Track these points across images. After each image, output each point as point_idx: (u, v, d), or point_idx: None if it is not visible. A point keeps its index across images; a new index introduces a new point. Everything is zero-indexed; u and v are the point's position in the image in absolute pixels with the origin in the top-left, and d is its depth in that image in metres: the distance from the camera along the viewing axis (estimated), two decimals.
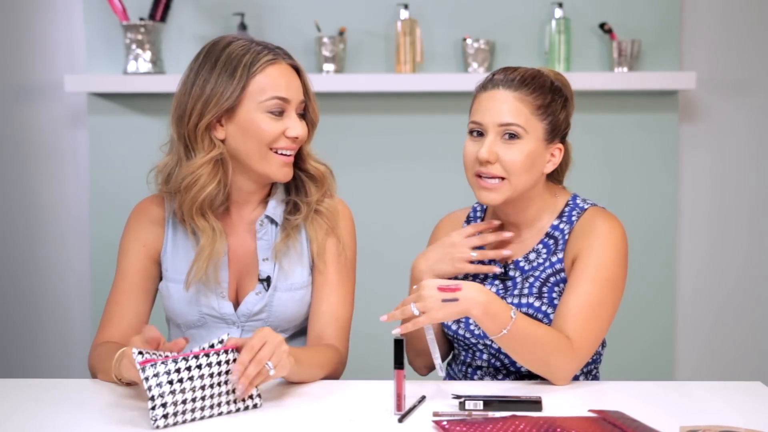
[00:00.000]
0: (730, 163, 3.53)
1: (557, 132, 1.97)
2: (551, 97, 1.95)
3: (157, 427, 1.63)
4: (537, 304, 1.96)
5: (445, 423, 1.62)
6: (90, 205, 3.45)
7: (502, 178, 1.93)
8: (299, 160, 2.03)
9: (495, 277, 2.03)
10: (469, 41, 3.36)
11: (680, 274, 3.53)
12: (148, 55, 3.33)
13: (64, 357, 3.53)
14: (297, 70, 1.99)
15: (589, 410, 1.70)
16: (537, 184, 1.99)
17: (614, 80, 3.35)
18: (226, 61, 1.93)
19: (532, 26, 3.42)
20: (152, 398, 1.63)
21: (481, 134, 1.95)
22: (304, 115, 2.01)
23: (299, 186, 2.05)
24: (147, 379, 1.63)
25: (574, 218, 1.99)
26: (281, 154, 1.95)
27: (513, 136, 1.92)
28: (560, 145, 1.99)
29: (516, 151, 1.92)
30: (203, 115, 1.92)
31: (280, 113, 1.94)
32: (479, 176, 1.94)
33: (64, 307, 3.54)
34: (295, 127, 1.95)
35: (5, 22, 3.46)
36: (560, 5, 3.36)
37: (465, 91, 3.33)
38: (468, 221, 2.13)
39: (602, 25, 3.39)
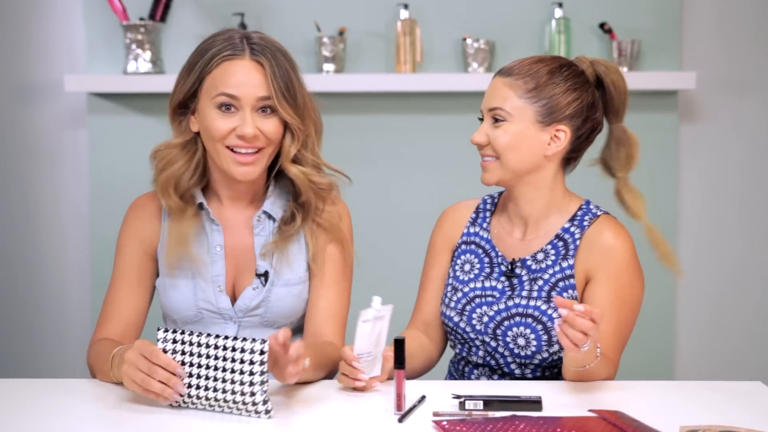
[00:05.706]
0: (730, 163, 3.52)
1: (556, 114, 1.98)
2: (547, 80, 1.98)
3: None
4: (544, 307, 1.97)
5: (445, 423, 1.62)
6: (90, 204, 3.45)
7: (497, 158, 2.00)
8: (284, 162, 1.99)
9: (501, 273, 2.03)
10: (469, 41, 3.35)
11: None
12: (148, 55, 3.33)
13: (64, 357, 3.53)
14: (269, 67, 1.93)
15: (589, 410, 1.70)
16: (538, 169, 2.01)
17: None
18: (195, 54, 1.97)
19: (532, 26, 3.41)
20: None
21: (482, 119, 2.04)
22: (277, 113, 1.94)
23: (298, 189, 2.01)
24: (165, 350, 1.68)
25: (585, 223, 2.02)
26: (237, 152, 1.94)
27: (498, 120, 1.99)
28: (563, 128, 2.00)
29: (501, 132, 1.98)
30: (170, 106, 1.99)
31: (228, 109, 1.93)
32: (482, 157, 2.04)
33: (64, 306, 3.54)
34: (245, 125, 1.91)
35: (5, 22, 3.46)
36: (560, 5, 3.36)
37: (465, 91, 3.34)
38: (477, 212, 2.13)
39: (602, 25, 3.39)
